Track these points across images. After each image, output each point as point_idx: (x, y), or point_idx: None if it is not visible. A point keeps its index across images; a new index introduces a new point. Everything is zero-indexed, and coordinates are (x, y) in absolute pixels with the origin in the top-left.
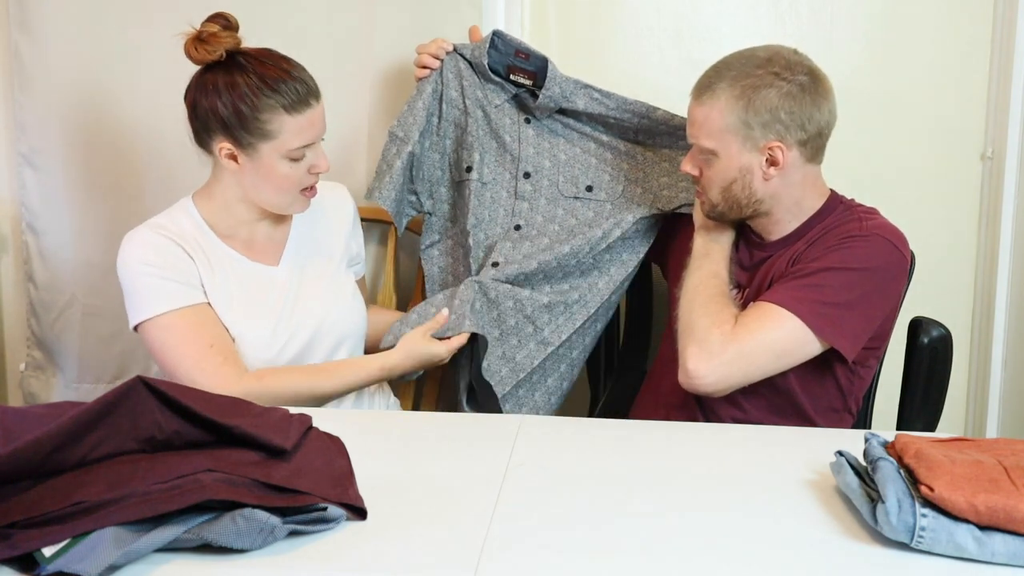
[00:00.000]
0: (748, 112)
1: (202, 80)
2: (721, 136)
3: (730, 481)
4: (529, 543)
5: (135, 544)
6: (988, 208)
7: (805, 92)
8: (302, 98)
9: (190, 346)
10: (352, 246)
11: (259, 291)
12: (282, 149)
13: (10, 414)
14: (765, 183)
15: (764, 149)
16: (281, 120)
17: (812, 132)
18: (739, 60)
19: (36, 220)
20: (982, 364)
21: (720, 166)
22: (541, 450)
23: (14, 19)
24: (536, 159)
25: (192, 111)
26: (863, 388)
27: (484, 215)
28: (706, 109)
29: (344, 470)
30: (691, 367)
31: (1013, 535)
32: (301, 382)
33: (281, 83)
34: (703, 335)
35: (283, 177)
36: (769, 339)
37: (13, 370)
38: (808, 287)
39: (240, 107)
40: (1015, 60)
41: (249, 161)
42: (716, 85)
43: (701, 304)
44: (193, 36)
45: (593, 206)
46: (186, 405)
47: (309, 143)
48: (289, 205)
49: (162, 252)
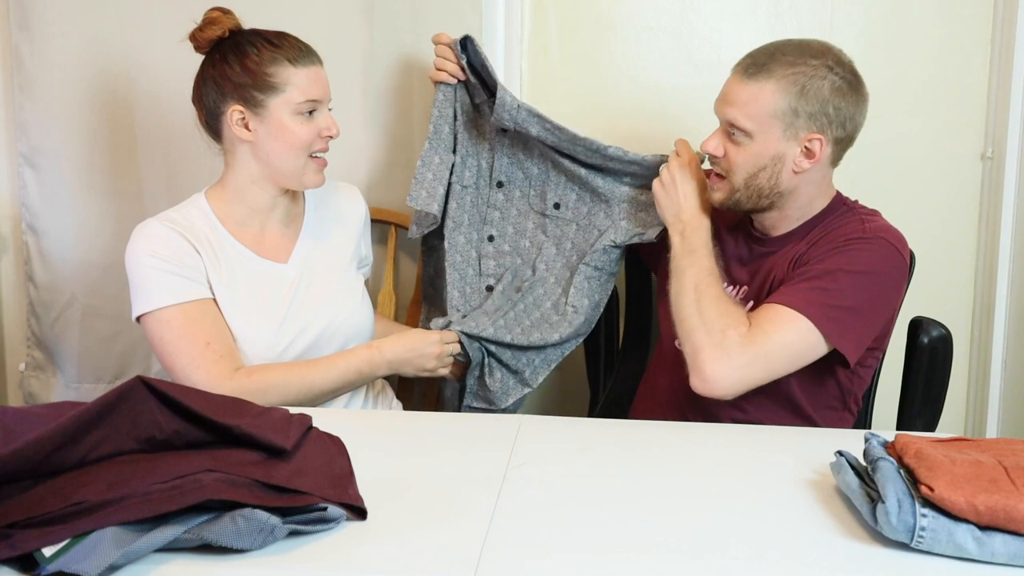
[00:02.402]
0: (800, 100)
1: (205, 64)
2: (764, 119)
3: (730, 481)
4: (529, 543)
5: (135, 544)
6: (988, 208)
7: (852, 90)
8: (305, 53)
9: (187, 342)
10: (362, 247)
11: (266, 288)
12: (291, 103)
13: (10, 414)
14: (793, 175)
15: (803, 140)
16: (287, 72)
17: (849, 132)
18: (793, 47)
19: (36, 220)
20: (982, 364)
21: (753, 150)
22: (541, 450)
23: (14, 19)
24: (509, 169)
25: (199, 96)
26: (863, 388)
27: (463, 219)
28: (755, 89)
29: (344, 470)
30: (709, 370)
31: (1013, 535)
32: (291, 374)
33: (283, 39)
34: (719, 337)
35: (293, 135)
36: (785, 341)
37: (13, 370)
38: (817, 290)
39: (248, 65)
40: (1015, 60)
41: (260, 124)
42: (769, 66)
43: (710, 305)
44: (196, 27)
45: (560, 224)
46: (186, 405)
47: (317, 99)
48: (301, 172)
49: (169, 245)
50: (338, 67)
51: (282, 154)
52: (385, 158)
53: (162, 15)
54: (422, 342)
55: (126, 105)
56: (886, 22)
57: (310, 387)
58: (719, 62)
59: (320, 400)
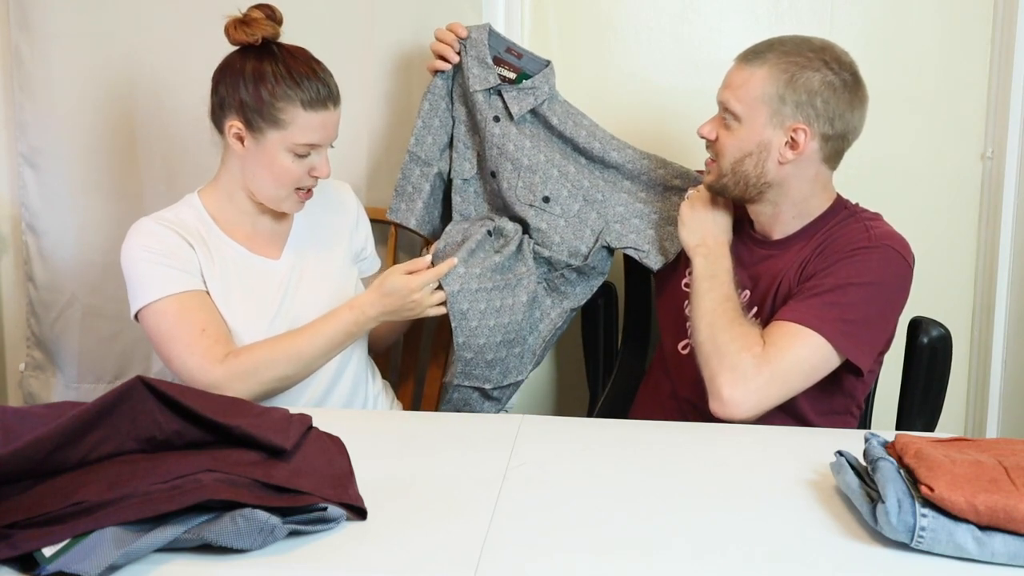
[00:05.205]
0: (788, 88)
1: (232, 60)
2: (753, 103)
3: (730, 481)
4: (529, 543)
5: (135, 544)
6: (988, 208)
7: (846, 89)
8: (321, 98)
9: (182, 329)
10: (356, 241)
11: (259, 284)
12: (288, 141)
13: (10, 414)
14: (779, 166)
15: (788, 130)
16: (295, 113)
17: (839, 130)
18: (794, 40)
19: (36, 220)
20: (982, 364)
21: (741, 134)
22: (541, 450)
23: (14, 19)
24: (499, 160)
25: (215, 87)
26: (865, 391)
27: (470, 212)
28: (746, 74)
29: (344, 470)
30: (727, 394)
31: (1013, 535)
32: (278, 349)
33: (305, 79)
34: (734, 360)
35: (283, 170)
36: (799, 358)
37: (13, 370)
38: (828, 305)
39: (260, 91)
40: (1015, 60)
41: (254, 145)
42: (766, 54)
43: (724, 328)
44: (236, 18)
45: (547, 219)
46: (186, 405)
47: (316, 144)
48: (281, 201)
49: (162, 239)
50: (338, 67)
51: (266, 182)
52: (385, 158)
53: (162, 15)
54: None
55: (126, 105)
56: (886, 22)
57: (299, 357)
58: (719, 62)
59: (315, 366)
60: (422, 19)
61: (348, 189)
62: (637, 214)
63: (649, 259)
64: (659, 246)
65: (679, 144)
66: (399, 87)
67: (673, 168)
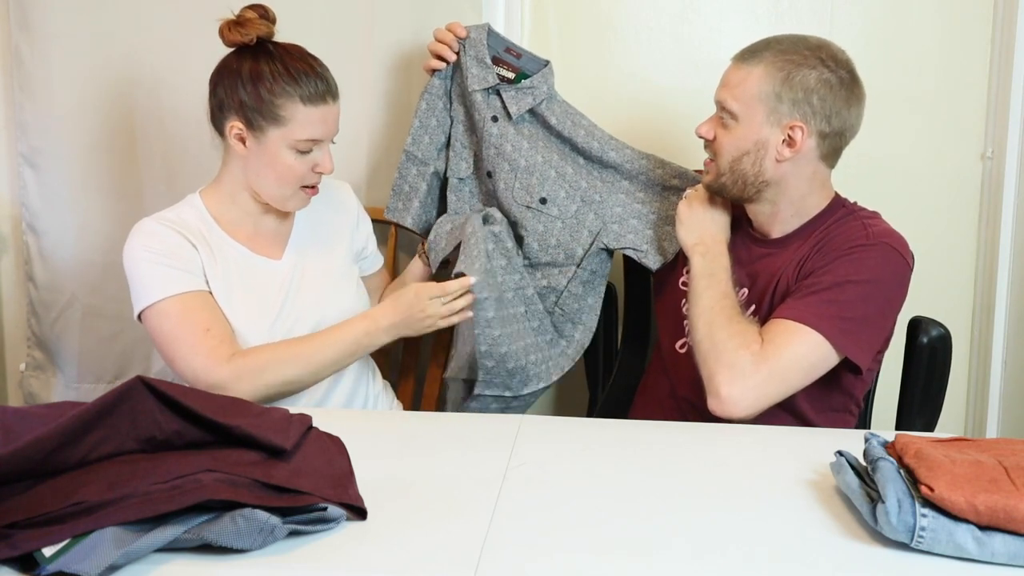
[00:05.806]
0: (784, 86)
1: (228, 61)
2: (750, 102)
3: (730, 481)
4: (529, 543)
5: (135, 544)
6: (988, 208)
7: (843, 86)
8: (320, 93)
9: (186, 329)
10: (357, 240)
11: (261, 284)
12: (289, 138)
13: (10, 414)
14: (777, 165)
15: (785, 128)
16: (295, 108)
17: (835, 128)
18: (790, 39)
19: (36, 220)
20: (982, 364)
21: (738, 133)
22: (541, 450)
23: (14, 19)
24: (496, 160)
25: (213, 90)
26: (864, 390)
27: (464, 211)
28: (743, 73)
29: (344, 470)
30: (724, 392)
31: (1013, 535)
32: (288, 353)
33: (303, 75)
34: (732, 358)
35: (286, 167)
36: (797, 356)
37: (13, 370)
38: (826, 303)
39: (259, 90)
40: (1015, 60)
41: (256, 145)
42: (762, 53)
43: (722, 326)
44: (230, 19)
45: (544, 220)
46: (186, 405)
47: (317, 139)
48: (287, 199)
49: (164, 240)
50: (338, 67)
51: (270, 181)
52: (385, 158)
53: (162, 15)
54: (417, 300)
55: (126, 105)
56: (886, 22)
57: (307, 360)
58: (719, 62)
59: (323, 373)
60: (422, 19)
61: (348, 189)
62: (635, 214)
63: (648, 259)
64: (657, 246)
65: (679, 144)
66: (399, 87)
67: (671, 168)
